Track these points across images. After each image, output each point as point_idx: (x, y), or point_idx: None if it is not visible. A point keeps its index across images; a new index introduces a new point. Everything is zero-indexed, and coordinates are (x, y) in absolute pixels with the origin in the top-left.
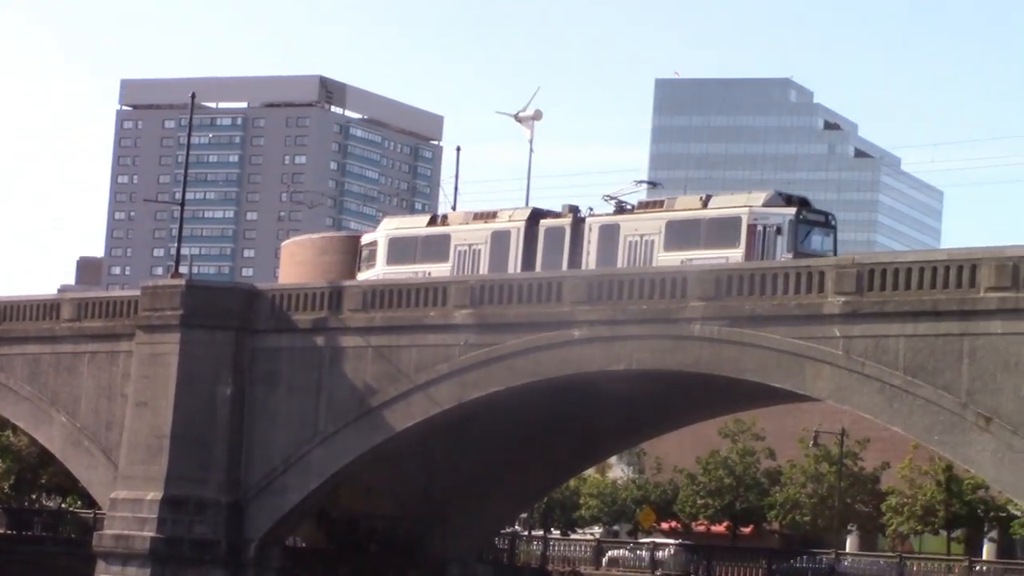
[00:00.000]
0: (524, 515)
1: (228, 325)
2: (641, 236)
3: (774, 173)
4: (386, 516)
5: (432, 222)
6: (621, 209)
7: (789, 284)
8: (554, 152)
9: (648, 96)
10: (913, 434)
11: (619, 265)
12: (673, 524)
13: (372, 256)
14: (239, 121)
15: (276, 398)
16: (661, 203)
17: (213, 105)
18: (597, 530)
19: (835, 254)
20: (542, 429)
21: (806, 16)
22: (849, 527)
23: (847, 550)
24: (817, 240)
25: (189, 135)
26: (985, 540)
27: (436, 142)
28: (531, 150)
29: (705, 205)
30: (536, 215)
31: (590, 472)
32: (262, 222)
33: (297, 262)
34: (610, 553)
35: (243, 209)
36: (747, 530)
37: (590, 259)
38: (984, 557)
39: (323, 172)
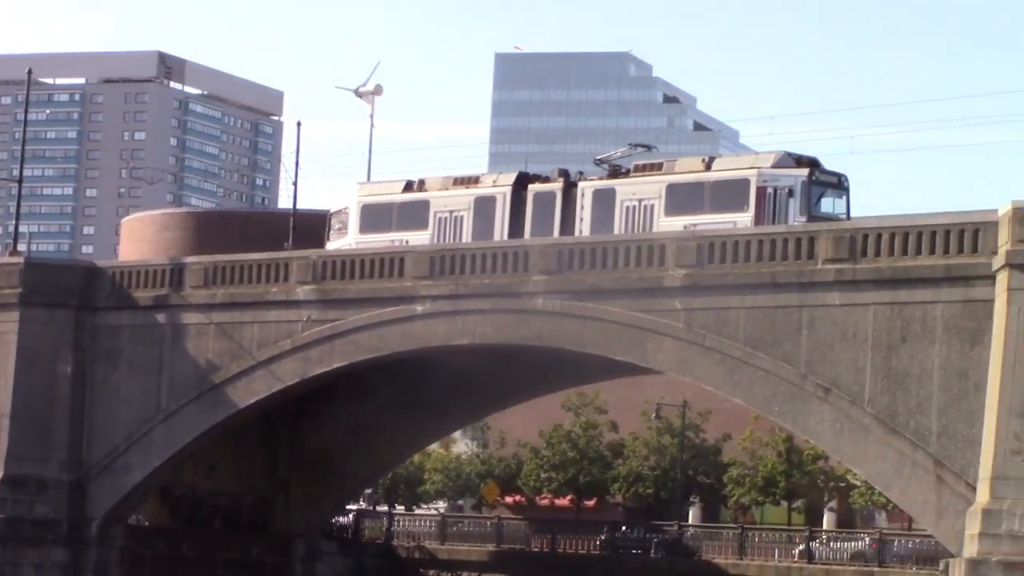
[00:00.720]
0: (369, 491)
1: (68, 303)
2: (639, 201)
3: (615, 147)
4: (230, 493)
5: (408, 188)
6: (615, 173)
7: (630, 257)
8: (396, 127)
9: (488, 71)
10: (754, 405)
11: (616, 232)
12: (517, 498)
13: (343, 225)
14: (77, 97)
15: (118, 376)
16: (660, 166)
17: (50, 81)
18: (442, 505)
19: (848, 217)
20: (385, 404)
21: None
22: (691, 499)
23: (689, 522)
24: (830, 202)
25: (26, 111)
26: (825, 510)
27: (277, 117)
28: (372, 125)
29: (708, 167)
30: (523, 179)
31: (434, 447)
32: (102, 199)
33: (138, 239)
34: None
35: (82, 186)
36: (591, 503)
37: (583, 225)
38: (824, 527)
39: (163, 148)
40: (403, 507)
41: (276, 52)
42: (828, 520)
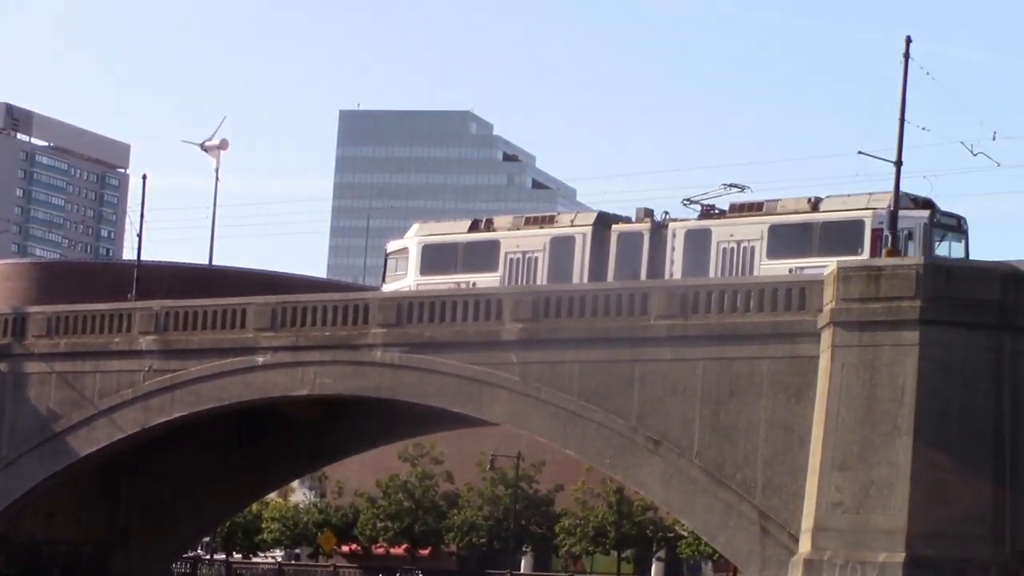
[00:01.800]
0: (207, 539)
1: None
2: (738, 242)
3: (455, 203)
4: (69, 541)
5: (475, 228)
6: (708, 214)
7: (468, 311)
8: (242, 181)
9: (333, 127)
10: (586, 457)
11: (711, 275)
12: (353, 547)
13: (402, 265)
14: None
15: None
16: (760, 206)
17: None
18: (279, 553)
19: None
20: (225, 453)
21: (486, 50)
22: (524, 548)
23: (522, 570)
24: (950, 246)
25: None
26: (654, 559)
27: (123, 170)
28: (217, 179)
29: (815, 208)
30: (604, 219)
31: (272, 496)
32: None
33: None
34: None
35: None
36: (425, 552)
37: (674, 268)
38: None
39: (8, 199)
40: (240, 555)
41: (124, 105)
42: (656, 570)
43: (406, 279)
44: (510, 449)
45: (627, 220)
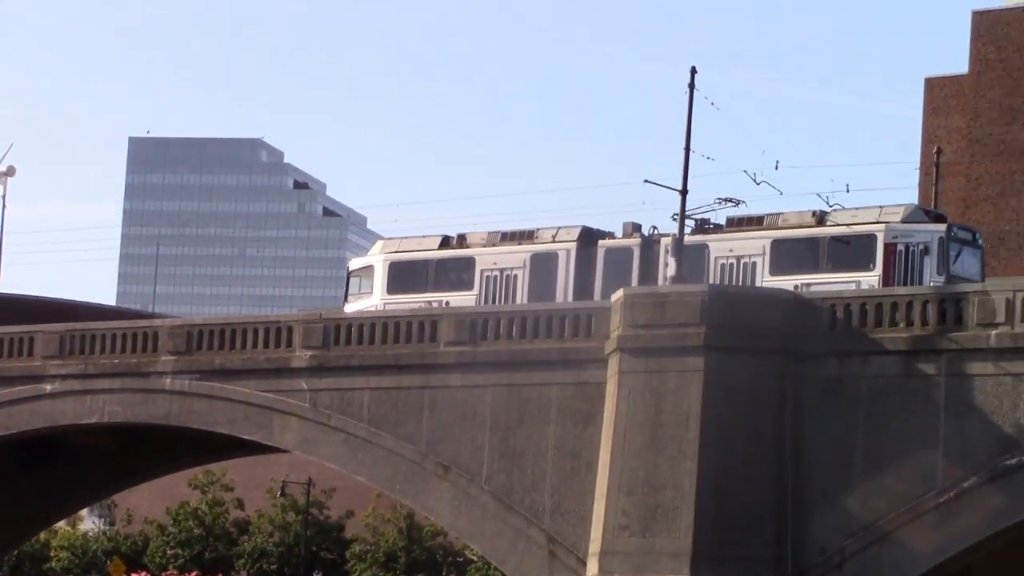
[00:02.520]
0: None
1: None
2: (738, 258)
3: (246, 231)
4: None
5: (446, 244)
6: (703, 228)
7: (259, 338)
8: (30, 209)
9: (123, 154)
10: (376, 483)
11: None
12: (144, 575)
13: (366, 284)
14: None
15: None
16: (761, 220)
17: None
18: None
19: (982, 279)
20: (11, 482)
21: (278, 79)
22: (315, 574)
23: None
24: (967, 262)
25: None
26: None
27: None
28: (4, 206)
29: (821, 221)
30: (588, 235)
31: (61, 524)
32: None
33: None
34: None
35: None
36: None
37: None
38: None
39: None
40: None
41: None
42: None
43: (371, 298)
44: (301, 475)
45: (611, 235)
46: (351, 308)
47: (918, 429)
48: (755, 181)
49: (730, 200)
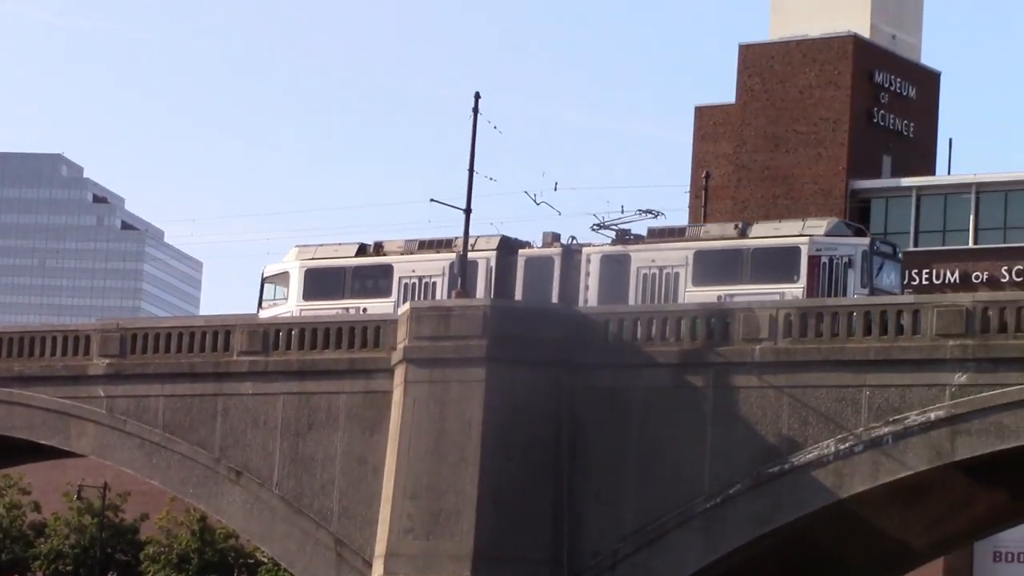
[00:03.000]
0: None
1: None
2: (660, 268)
3: (45, 243)
4: None
5: (362, 252)
6: (624, 239)
7: (57, 346)
8: None
9: None
10: (170, 487)
11: (631, 302)
12: None
13: (281, 291)
14: None
15: None
16: (682, 231)
17: None
18: None
19: (901, 291)
20: None
21: (79, 96)
22: (110, 575)
23: None
24: (889, 275)
25: None
26: None
27: None
28: None
29: (743, 234)
30: (508, 244)
31: None
32: None
33: None
34: None
35: None
36: None
37: (590, 294)
38: None
39: None
40: None
41: None
42: None
43: (287, 304)
44: (97, 480)
45: (529, 245)
46: (266, 314)
47: (687, 438)
48: (535, 202)
49: (649, 212)
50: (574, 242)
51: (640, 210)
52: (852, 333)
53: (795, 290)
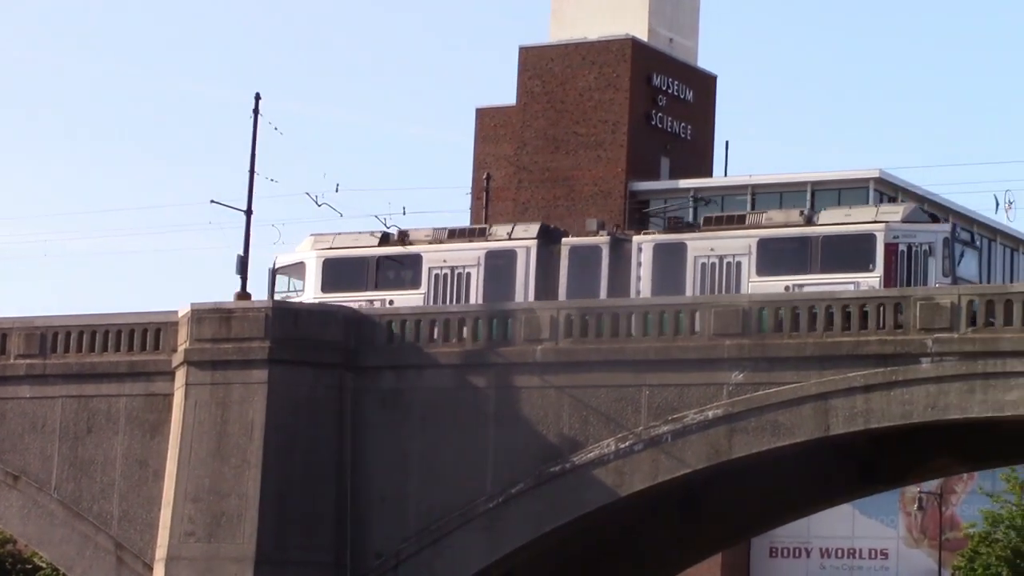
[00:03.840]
0: None
1: None
2: (720, 257)
3: None
4: None
5: (386, 240)
6: (677, 227)
7: None
8: None
9: None
10: None
11: (687, 294)
12: None
13: (296, 282)
14: None
15: None
16: (743, 218)
17: None
18: None
19: (982, 280)
20: None
21: None
22: None
23: None
24: (969, 264)
25: None
26: None
27: None
28: None
29: (809, 221)
30: (549, 232)
31: None
32: None
33: None
34: None
35: None
36: None
37: (641, 285)
38: None
39: None
40: None
41: None
42: None
43: (303, 297)
44: None
45: (564, 233)
46: None
47: (470, 438)
48: (316, 203)
49: (703, 199)
50: (618, 231)
51: (695, 196)
52: (631, 333)
53: (871, 280)
